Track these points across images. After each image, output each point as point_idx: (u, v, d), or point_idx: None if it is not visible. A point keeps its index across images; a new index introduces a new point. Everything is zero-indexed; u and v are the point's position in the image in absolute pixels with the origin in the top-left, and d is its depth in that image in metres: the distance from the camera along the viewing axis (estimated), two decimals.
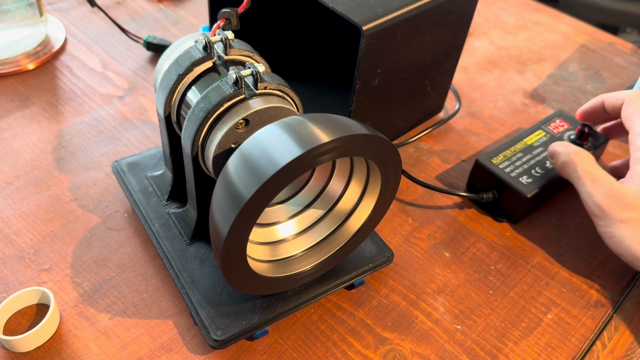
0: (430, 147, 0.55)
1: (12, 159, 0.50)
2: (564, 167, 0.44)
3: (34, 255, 0.42)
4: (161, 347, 0.38)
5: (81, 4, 0.70)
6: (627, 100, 0.46)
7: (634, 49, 0.71)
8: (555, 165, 0.46)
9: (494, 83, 0.64)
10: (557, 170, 0.46)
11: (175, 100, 0.38)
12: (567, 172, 0.44)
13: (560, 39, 0.72)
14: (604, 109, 0.49)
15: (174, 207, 0.44)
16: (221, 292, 0.38)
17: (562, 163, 0.44)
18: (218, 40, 0.37)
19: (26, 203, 0.46)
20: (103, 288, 0.41)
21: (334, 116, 0.32)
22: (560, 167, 0.45)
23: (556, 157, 0.45)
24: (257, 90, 0.35)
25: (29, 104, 0.56)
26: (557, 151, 0.45)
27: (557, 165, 0.45)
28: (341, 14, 0.42)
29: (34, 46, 0.61)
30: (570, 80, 0.65)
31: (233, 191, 0.30)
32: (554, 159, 0.46)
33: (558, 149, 0.45)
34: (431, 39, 0.48)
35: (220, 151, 0.35)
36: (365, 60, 0.43)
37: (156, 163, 0.47)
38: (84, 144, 0.52)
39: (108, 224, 0.45)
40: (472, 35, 0.71)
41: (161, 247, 0.41)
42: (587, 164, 0.43)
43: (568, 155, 0.44)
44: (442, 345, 0.39)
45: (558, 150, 0.45)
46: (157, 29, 0.67)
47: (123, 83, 0.59)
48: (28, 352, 0.37)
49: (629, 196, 0.40)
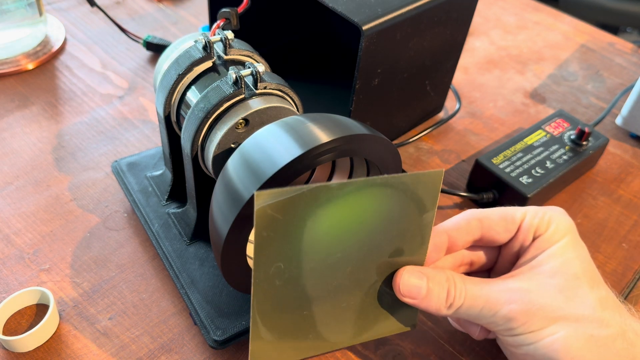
0: (430, 147, 0.55)
1: (12, 159, 0.50)
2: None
3: (34, 256, 0.42)
4: (161, 347, 0.38)
5: (81, 3, 0.70)
6: (534, 213, 0.35)
7: (634, 49, 0.71)
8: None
9: (494, 83, 0.64)
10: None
11: (175, 100, 0.38)
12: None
13: (560, 39, 0.72)
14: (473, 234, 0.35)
15: (173, 207, 0.43)
16: (221, 292, 0.38)
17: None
18: (218, 40, 0.37)
19: (26, 203, 0.46)
20: (103, 288, 0.41)
21: (334, 116, 0.32)
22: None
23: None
24: (256, 90, 0.35)
25: (29, 103, 0.56)
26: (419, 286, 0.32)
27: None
28: (341, 14, 0.42)
29: (33, 46, 0.61)
30: (571, 80, 0.65)
31: (233, 191, 0.30)
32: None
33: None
34: (431, 39, 0.48)
35: (220, 151, 0.35)
36: (365, 60, 0.42)
37: (156, 163, 0.47)
38: (83, 144, 0.52)
39: (108, 224, 0.45)
40: (472, 35, 0.71)
41: (161, 247, 0.41)
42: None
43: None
44: (442, 346, 0.39)
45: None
46: (156, 28, 0.67)
47: (123, 83, 0.59)
48: (28, 352, 0.37)
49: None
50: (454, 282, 0.32)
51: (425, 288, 0.32)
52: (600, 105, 0.62)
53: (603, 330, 0.31)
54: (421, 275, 0.32)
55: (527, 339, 0.32)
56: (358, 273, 0.32)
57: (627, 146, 0.57)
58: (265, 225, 0.27)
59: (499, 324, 0.32)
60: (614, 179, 0.53)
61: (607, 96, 0.63)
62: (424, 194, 0.30)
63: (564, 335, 0.31)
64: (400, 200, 0.30)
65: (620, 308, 0.33)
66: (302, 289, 0.31)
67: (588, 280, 0.32)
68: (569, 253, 0.33)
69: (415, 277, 0.32)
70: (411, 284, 0.32)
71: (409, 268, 0.32)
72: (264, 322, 0.31)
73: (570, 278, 0.32)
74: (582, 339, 0.31)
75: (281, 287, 0.30)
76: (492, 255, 0.37)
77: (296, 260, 0.30)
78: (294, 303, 0.31)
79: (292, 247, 0.29)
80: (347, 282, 0.32)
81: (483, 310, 0.32)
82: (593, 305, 0.31)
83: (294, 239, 0.29)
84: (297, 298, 0.31)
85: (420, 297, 0.32)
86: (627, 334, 0.31)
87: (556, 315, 0.31)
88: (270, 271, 0.29)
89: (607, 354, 0.31)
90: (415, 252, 0.32)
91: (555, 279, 0.32)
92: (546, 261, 0.33)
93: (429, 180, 0.30)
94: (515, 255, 0.35)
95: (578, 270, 0.32)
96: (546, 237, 0.34)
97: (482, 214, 0.35)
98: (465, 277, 0.33)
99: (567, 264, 0.32)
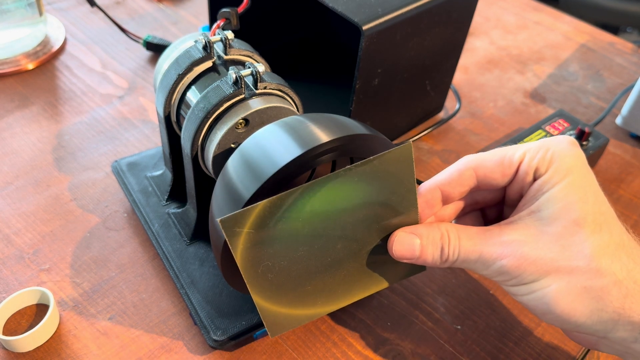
0: (431, 147, 0.55)
1: (12, 159, 0.50)
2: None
3: (34, 256, 0.42)
4: (161, 347, 0.38)
5: (81, 3, 0.70)
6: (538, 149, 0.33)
7: (634, 49, 0.71)
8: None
9: (494, 83, 0.64)
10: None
11: (175, 100, 0.38)
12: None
13: (560, 39, 0.72)
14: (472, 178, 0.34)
15: (173, 207, 0.43)
16: (221, 292, 0.38)
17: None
18: (218, 40, 0.37)
19: (26, 203, 0.46)
20: (103, 288, 0.41)
21: (334, 116, 0.32)
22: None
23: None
24: (256, 90, 0.35)
25: (29, 103, 0.56)
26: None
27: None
28: (341, 14, 0.42)
29: (33, 46, 0.61)
30: (571, 80, 0.65)
31: (233, 191, 0.30)
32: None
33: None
34: (431, 39, 0.48)
35: (220, 151, 0.35)
36: (365, 60, 0.42)
37: (156, 163, 0.47)
38: (83, 143, 0.52)
39: (108, 224, 0.45)
40: (472, 35, 0.71)
41: (161, 247, 0.41)
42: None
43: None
44: (442, 346, 0.39)
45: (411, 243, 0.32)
46: (156, 28, 0.67)
47: (123, 83, 0.59)
48: (27, 352, 0.37)
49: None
50: (447, 238, 0.32)
51: (419, 247, 0.32)
52: (600, 105, 0.62)
53: (597, 280, 0.30)
54: (413, 236, 0.32)
55: (521, 290, 0.32)
56: (351, 245, 0.32)
57: (627, 146, 0.57)
58: (239, 241, 0.29)
59: (493, 276, 0.32)
60: (614, 179, 0.53)
61: (607, 96, 0.63)
62: (397, 169, 0.30)
63: (555, 288, 0.30)
64: (374, 180, 0.30)
65: (626, 251, 0.31)
66: (296, 273, 0.32)
67: (590, 224, 0.30)
68: (570, 196, 0.31)
69: (408, 238, 0.32)
70: (404, 246, 0.32)
71: (401, 230, 0.32)
72: (268, 306, 0.32)
73: (569, 224, 0.30)
74: (574, 291, 0.30)
75: (275, 278, 0.31)
76: (497, 191, 0.36)
77: (281, 255, 0.30)
78: (293, 284, 0.32)
79: (272, 247, 0.30)
80: (341, 255, 0.32)
81: (477, 263, 0.32)
82: (589, 254, 0.30)
83: (272, 241, 0.30)
84: (294, 280, 0.32)
85: (415, 256, 0.32)
86: (624, 283, 0.30)
87: (549, 267, 0.30)
88: (259, 271, 0.30)
89: (599, 305, 0.30)
90: (406, 213, 0.32)
91: (552, 227, 0.31)
92: (545, 206, 0.31)
93: (398, 156, 0.30)
94: (519, 195, 0.34)
95: (579, 215, 0.30)
96: (546, 178, 0.31)
97: (476, 161, 0.33)
98: (460, 231, 0.32)
99: (567, 208, 0.31)
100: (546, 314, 0.31)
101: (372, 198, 0.31)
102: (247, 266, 0.30)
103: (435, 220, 0.35)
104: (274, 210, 0.29)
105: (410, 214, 0.32)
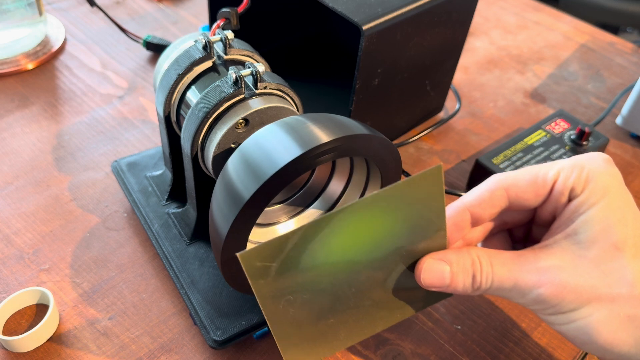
0: (431, 147, 0.55)
1: (12, 159, 0.50)
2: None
3: (34, 256, 0.42)
4: (161, 347, 0.38)
5: (81, 3, 0.70)
6: (573, 166, 0.31)
7: (634, 49, 0.71)
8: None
9: (494, 83, 0.64)
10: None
11: (174, 100, 0.38)
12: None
13: (560, 39, 0.72)
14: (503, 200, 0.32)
15: (173, 207, 0.43)
16: (221, 292, 0.38)
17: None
18: (218, 40, 0.37)
19: (25, 203, 0.46)
20: (102, 288, 0.41)
21: (334, 116, 0.32)
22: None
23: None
24: (256, 90, 0.35)
25: (29, 103, 0.56)
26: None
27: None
28: (341, 14, 0.42)
29: (33, 46, 0.61)
30: (571, 80, 0.65)
31: (233, 191, 0.30)
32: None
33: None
34: (431, 39, 0.48)
35: (219, 151, 0.35)
36: (365, 60, 0.42)
37: (156, 163, 0.47)
38: (83, 143, 0.52)
39: (107, 224, 0.45)
40: (472, 35, 0.71)
41: (161, 247, 0.41)
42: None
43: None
44: (442, 346, 0.39)
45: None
46: (156, 28, 0.67)
47: (122, 83, 0.59)
48: (27, 352, 0.37)
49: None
50: (479, 264, 0.30)
51: (449, 275, 0.30)
52: (600, 105, 0.62)
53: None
54: (443, 263, 0.30)
55: (559, 320, 0.30)
56: (375, 274, 0.30)
57: (628, 146, 0.57)
58: (259, 275, 0.27)
59: (529, 305, 0.30)
60: None
61: (607, 96, 0.63)
62: (426, 191, 0.28)
63: (597, 317, 0.29)
64: (402, 204, 0.28)
65: None
66: (319, 306, 0.30)
67: (630, 248, 0.29)
68: (609, 218, 0.29)
69: (438, 266, 0.30)
70: (434, 274, 0.30)
71: (429, 257, 0.30)
72: (288, 341, 0.30)
73: (609, 248, 0.29)
74: (617, 321, 0.29)
75: (296, 312, 0.29)
76: (527, 211, 0.34)
77: (303, 289, 0.29)
78: (315, 318, 0.30)
79: (295, 280, 0.28)
80: (365, 285, 0.31)
81: (512, 292, 0.30)
82: (632, 281, 0.28)
83: (295, 274, 0.28)
84: (316, 314, 0.30)
85: (445, 285, 0.30)
86: None
87: (590, 295, 0.29)
88: (280, 306, 0.29)
89: None
90: (434, 238, 0.30)
91: (591, 251, 0.29)
92: (582, 229, 0.29)
93: (428, 178, 0.28)
94: (551, 215, 0.32)
95: (618, 238, 0.29)
96: (582, 199, 0.30)
97: (507, 180, 0.31)
98: (492, 256, 0.30)
99: (605, 231, 0.29)
100: (587, 343, 0.30)
101: (399, 223, 0.29)
102: (267, 302, 0.28)
103: (462, 243, 0.33)
104: (297, 242, 0.27)
105: (437, 238, 0.30)
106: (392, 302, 0.32)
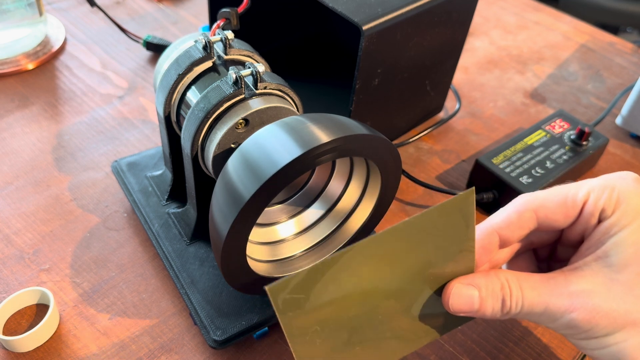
0: (430, 147, 0.55)
1: (12, 159, 0.50)
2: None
3: (34, 256, 0.42)
4: (161, 347, 0.38)
5: (81, 3, 0.70)
6: (603, 186, 0.30)
7: (634, 49, 0.71)
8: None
9: (494, 83, 0.64)
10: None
11: (175, 100, 0.38)
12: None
13: (560, 39, 0.72)
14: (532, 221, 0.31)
15: (173, 207, 0.43)
16: (221, 292, 0.38)
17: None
18: (218, 40, 0.37)
19: (25, 203, 0.46)
20: (103, 288, 0.41)
21: (334, 116, 0.32)
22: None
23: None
24: (256, 90, 0.35)
25: (29, 103, 0.56)
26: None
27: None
28: (341, 14, 0.42)
29: (33, 46, 0.61)
30: (571, 80, 0.65)
31: (233, 191, 0.30)
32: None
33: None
34: (431, 39, 0.48)
35: (220, 151, 0.35)
36: (365, 60, 0.42)
37: (156, 163, 0.47)
38: (83, 143, 0.52)
39: (108, 224, 0.45)
40: (472, 35, 0.71)
41: (161, 247, 0.41)
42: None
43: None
44: (442, 346, 0.39)
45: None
46: (156, 28, 0.67)
47: (122, 83, 0.59)
48: (28, 352, 0.37)
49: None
50: (509, 289, 0.29)
51: (478, 301, 0.29)
52: (600, 105, 0.62)
53: None
54: (471, 288, 0.29)
55: (592, 345, 0.29)
56: (402, 300, 0.30)
57: (627, 146, 0.57)
58: (287, 308, 0.26)
59: (560, 329, 0.30)
60: None
61: (607, 96, 0.63)
62: (457, 217, 0.28)
63: (632, 343, 0.28)
64: (432, 229, 0.28)
65: None
66: (346, 335, 0.29)
67: None
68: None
69: (466, 290, 0.29)
70: (462, 299, 0.29)
71: (457, 281, 0.30)
72: None
73: None
74: None
75: (323, 343, 0.29)
76: (554, 232, 0.33)
77: (331, 318, 0.28)
78: (341, 347, 0.30)
79: (323, 310, 0.28)
80: (392, 311, 0.30)
81: (542, 316, 0.29)
82: None
83: (323, 305, 0.27)
84: (343, 343, 0.29)
85: (474, 310, 0.29)
86: None
87: (623, 320, 0.28)
88: (307, 338, 0.28)
89: None
90: (462, 261, 0.30)
91: (623, 274, 0.28)
92: (613, 251, 0.29)
93: (459, 204, 0.27)
94: (580, 236, 0.31)
95: None
96: (613, 220, 0.29)
97: (536, 201, 0.31)
98: (522, 279, 0.29)
99: (638, 254, 0.28)
100: None
101: (429, 247, 0.28)
102: (295, 334, 0.27)
103: (488, 265, 0.33)
104: (327, 270, 0.26)
105: (465, 262, 0.30)
106: (417, 327, 0.32)
